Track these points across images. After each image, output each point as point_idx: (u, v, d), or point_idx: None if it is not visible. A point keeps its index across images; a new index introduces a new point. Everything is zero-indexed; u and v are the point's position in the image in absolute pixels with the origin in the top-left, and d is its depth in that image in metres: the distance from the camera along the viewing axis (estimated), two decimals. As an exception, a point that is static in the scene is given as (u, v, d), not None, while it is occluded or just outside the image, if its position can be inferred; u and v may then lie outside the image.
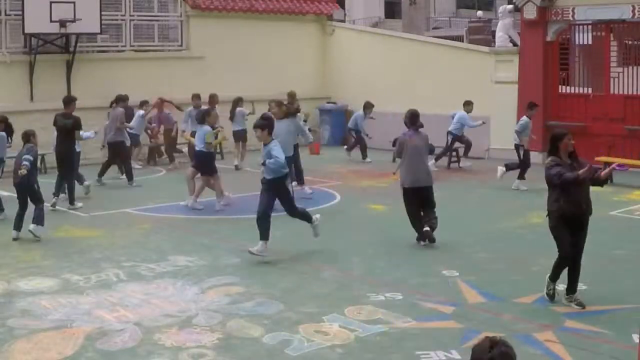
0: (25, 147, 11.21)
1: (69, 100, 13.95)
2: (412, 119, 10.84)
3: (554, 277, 7.89)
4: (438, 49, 21.46)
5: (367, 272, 9.27)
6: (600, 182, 7.83)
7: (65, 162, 13.34)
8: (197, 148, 13.43)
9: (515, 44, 20.19)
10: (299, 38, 22.94)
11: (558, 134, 7.76)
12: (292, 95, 16.81)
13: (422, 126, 10.85)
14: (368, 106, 19.53)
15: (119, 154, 15.81)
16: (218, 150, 17.21)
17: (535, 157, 18.37)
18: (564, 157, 7.62)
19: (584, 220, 7.74)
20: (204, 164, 13.33)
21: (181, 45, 21.00)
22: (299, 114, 14.19)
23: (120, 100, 16.38)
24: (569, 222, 7.61)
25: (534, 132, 15.46)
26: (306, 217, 10.48)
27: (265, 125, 10.01)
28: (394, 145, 12.51)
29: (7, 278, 9.06)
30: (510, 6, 20.36)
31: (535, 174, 16.77)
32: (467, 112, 17.45)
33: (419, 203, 10.59)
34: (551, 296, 7.93)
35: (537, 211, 12.64)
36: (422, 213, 10.61)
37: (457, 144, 17.89)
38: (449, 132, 17.46)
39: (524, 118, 15.21)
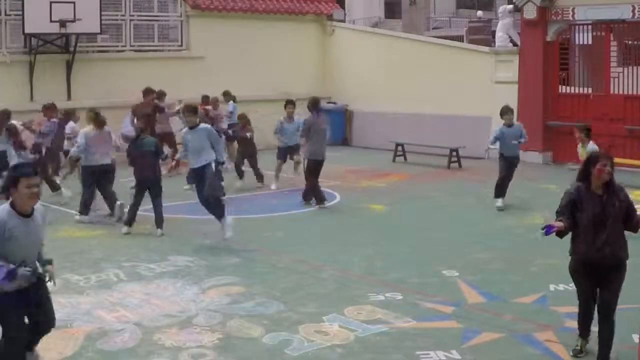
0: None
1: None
2: (315, 105, 13.50)
3: (582, 331, 6.54)
4: (438, 49, 21.45)
5: (367, 272, 9.27)
6: (635, 229, 6.29)
7: None
8: None
9: (515, 44, 20.18)
10: (299, 38, 22.94)
11: (593, 157, 6.25)
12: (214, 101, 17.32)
13: (322, 110, 14.06)
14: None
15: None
16: None
17: (535, 157, 18.45)
18: (594, 186, 6.16)
19: (610, 268, 6.16)
20: None
21: (181, 45, 21.00)
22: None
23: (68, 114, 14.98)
24: (588, 269, 6.22)
25: (523, 136, 13.55)
26: (219, 212, 10.95)
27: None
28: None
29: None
30: (510, 6, 20.35)
31: (535, 173, 16.81)
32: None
33: (319, 173, 13.27)
34: (577, 352, 6.49)
35: (537, 211, 12.66)
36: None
37: (458, 145, 17.91)
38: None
39: (496, 129, 13.45)
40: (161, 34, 20.81)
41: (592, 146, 12.11)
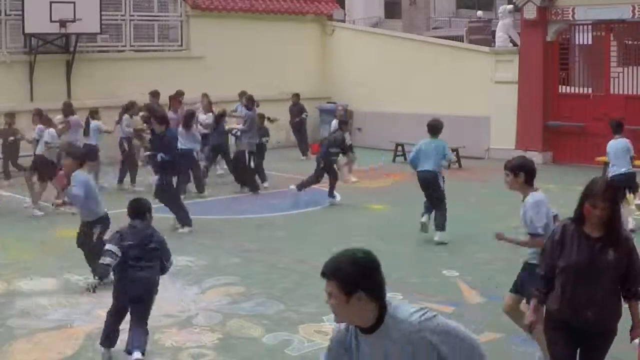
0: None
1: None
2: (252, 100, 15.66)
3: None
4: (438, 49, 21.46)
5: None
6: (633, 300, 4.85)
7: None
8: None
9: (515, 44, 20.19)
10: (299, 38, 22.93)
11: (587, 188, 4.73)
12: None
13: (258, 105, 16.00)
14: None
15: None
16: None
17: (535, 157, 18.43)
18: (589, 226, 4.69)
19: (593, 336, 4.76)
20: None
21: (181, 45, 20.99)
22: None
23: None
24: (568, 330, 4.77)
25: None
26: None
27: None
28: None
29: (7, 278, 9.06)
30: (510, 6, 20.36)
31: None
32: None
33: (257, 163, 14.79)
34: None
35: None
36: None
37: (458, 145, 17.91)
38: None
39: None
40: (161, 34, 20.81)
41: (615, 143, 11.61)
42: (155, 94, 17.21)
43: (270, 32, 22.05)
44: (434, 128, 11.02)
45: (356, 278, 3.26)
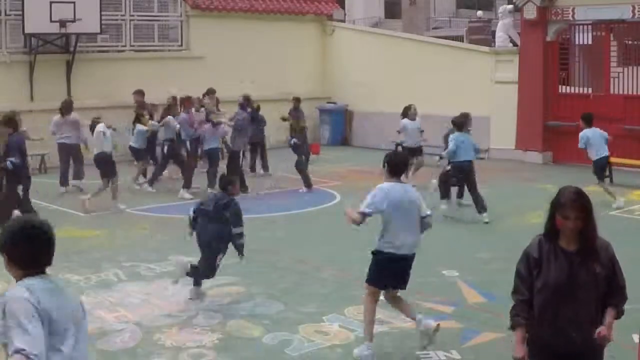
0: None
1: None
2: (248, 101, 15.79)
3: None
4: (438, 49, 21.46)
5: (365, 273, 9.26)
6: (616, 312, 4.39)
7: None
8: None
9: (515, 44, 20.19)
10: (299, 38, 22.93)
11: (556, 199, 4.35)
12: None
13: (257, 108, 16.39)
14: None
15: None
16: None
17: (535, 157, 18.46)
18: (565, 240, 4.33)
19: (581, 356, 4.35)
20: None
21: (181, 45, 20.99)
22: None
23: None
24: (552, 356, 4.38)
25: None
26: None
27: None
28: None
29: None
30: (510, 6, 20.37)
31: (535, 173, 16.82)
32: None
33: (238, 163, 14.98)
34: None
35: (537, 211, 12.65)
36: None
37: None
38: None
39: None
40: (161, 34, 20.81)
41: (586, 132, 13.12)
42: (139, 93, 16.97)
43: (270, 32, 22.05)
44: (461, 124, 12.96)
45: (2, 241, 3.53)
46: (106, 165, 13.19)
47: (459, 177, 12.70)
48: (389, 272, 6.69)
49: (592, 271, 4.25)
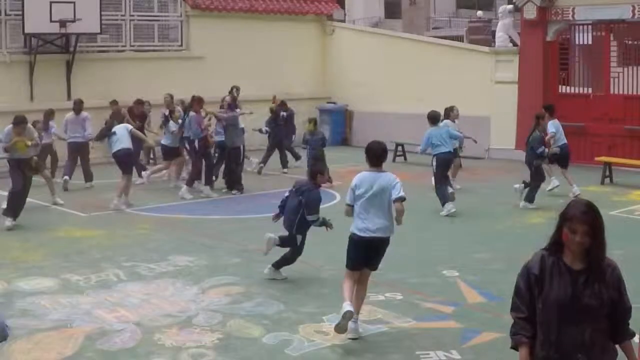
0: None
1: None
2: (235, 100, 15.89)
3: None
4: (438, 49, 21.46)
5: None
6: (619, 337, 4.10)
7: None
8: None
9: (515, 44, 20.19)
10: (299, 38, 22.94)
11: (565, 210, 4.01)
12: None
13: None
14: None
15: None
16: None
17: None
18: (570, 258, 4.00)
19: None
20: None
21: (181, 45, 21.00)
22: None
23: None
24: None
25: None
26: None
27: None
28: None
29: (7, 278, 9.06)
30: (510, 6, 20.36)
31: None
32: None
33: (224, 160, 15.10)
34: None
35: (537, 211, 12.67)
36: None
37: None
38: None
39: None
40: (161, 34, 20.82)
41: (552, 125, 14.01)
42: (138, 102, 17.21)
43: (270, 32, 22.05)
44: (435, 118, 13.26)
45: None
46: (129, 161, 13.73)
47: (442, 168, 12.91)
48: (354, 254, 7.14)
49: (598, 293, 3.95)
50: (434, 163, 12.85)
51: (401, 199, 6.96)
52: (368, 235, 7.02)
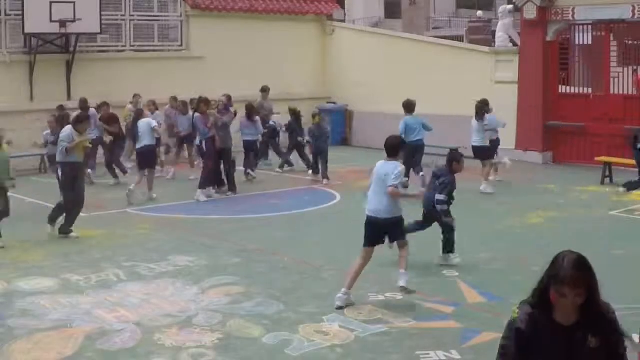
0: None
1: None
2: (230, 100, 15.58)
3: None
4: (438, 49, 21.45)
5: (367, 272, 9.24)
6: None
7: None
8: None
9: (515, 44, 20.18)
10: (299, 38, 22.94)
11: (552, 268, 3.53)
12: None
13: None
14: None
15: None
16: None
17: (535, 157, 18.45)
18: (560, 314, 3.54)
19: None
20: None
21: (181, 45, 21.00)
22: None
23: None
24: None
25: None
26: None
27: None
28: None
29: (7, 278, 9.07)
30: (510, 6, 20.35)
31: (535, 173, 16.82)
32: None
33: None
34: None
35: (537, 211, 12.68)
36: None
37: (458, 145, 17.92)
38: None
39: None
40: (161, 34, 20.81)
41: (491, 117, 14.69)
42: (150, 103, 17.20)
43: (270, 32, 22.05)
44: (410, 106, 14.86)
45: None
46: (151, 157, 14.31)
47: (412, 156, 14.00)
48: (365, 231, 8.08)
49: (594, 347, 3.54)
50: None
51: (392, 186, 7.94)
52: (370, 215, 8.04)
